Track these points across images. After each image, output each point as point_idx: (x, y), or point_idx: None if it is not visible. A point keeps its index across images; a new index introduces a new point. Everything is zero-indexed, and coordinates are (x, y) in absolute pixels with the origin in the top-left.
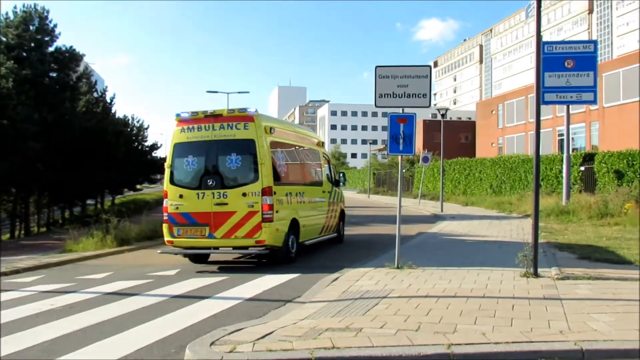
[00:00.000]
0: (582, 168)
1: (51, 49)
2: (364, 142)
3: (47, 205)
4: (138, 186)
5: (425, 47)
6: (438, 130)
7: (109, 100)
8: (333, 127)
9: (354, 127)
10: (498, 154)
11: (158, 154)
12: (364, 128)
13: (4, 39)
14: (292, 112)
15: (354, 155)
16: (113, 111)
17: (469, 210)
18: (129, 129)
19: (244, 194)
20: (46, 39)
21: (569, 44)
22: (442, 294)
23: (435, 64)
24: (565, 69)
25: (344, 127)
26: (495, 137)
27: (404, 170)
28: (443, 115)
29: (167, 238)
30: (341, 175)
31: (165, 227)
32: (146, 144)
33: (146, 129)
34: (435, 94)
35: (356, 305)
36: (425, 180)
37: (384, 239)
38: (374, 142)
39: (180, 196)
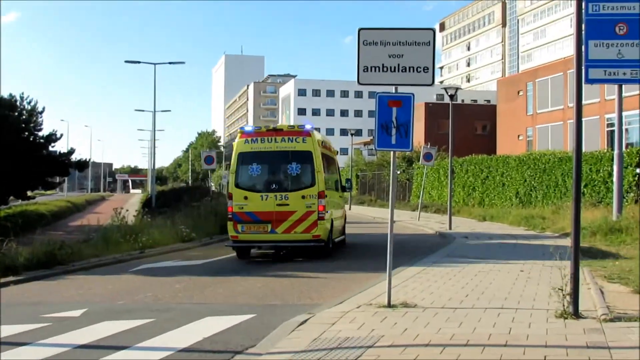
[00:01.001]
0: (639, 170)
1: None
2: (343, 132)
3: None
4: (29, 193)
5: (429, 4)
6: (445, 117)
7: None
8: (301, 111)
9: (330, 112)
10: (527, 150)
11: (58, 147)
12: (344, 113)
13: None
14: (244, 91)
15: None
16: None
17: (486, 227)
18: (16, 113)
19: (303, 197)
20: None
21: (621, 3)
22: (450, 342)
23: (442, 27)
24: (617, 36)
25: (315, 112)
26: (523, 127)
27: (397, 172)
28: (452, 97)
29: (232, 234)
30: (347, 182)
31: (230, 224)
32: (41, 133)
33: (40, 112)
34: (441, 68)
35: (332, 358)
36: (427, 186)
37: (370, 267)
38: (357, 132)
39: (245, 198)
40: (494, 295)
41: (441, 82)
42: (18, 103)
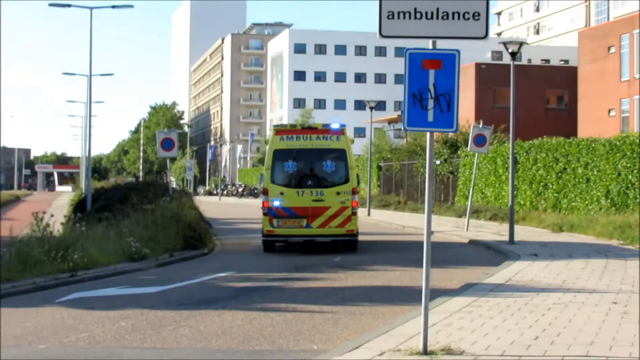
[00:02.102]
0: None
1: None
2: (359, 105)
3: None
4: None
5: None
6: (504, 84)
7: None
8: (299, 75)
9: (340, 77)
10: (621, 131)
11: None
12: (360, 78)
13: None
14: (217, 47)
15: None
16: None
17: (565, 239)
18: None
19: (338, 193)
20: None
21: None
22: None
23: None
24: None
25: (319, 77)
26: (616, 99)
27: (437, 162)
28: (514, 55)
29: (267, 228)
30: (356, 176)
31: (265, 219)
32: None
33: None
34: (499, 14)
35: None
36: (479, 182)
37: (397, 295)
38: (379, 106)
39: (281, 193)
40: (574, 339)
41: (498, 34)
42: None
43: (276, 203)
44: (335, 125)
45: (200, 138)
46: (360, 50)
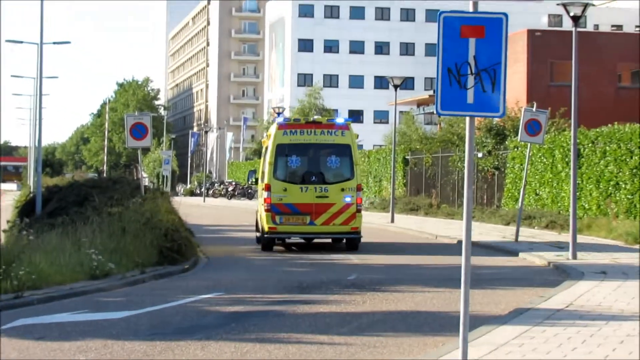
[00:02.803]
0: None
1: None
2: (379, 83)
3: None
4: None
5: None
6: (564, 56)
7: None
8: (304, 45)
9: (356, 47)
10: None
11: None
12: (381, 49)
13: None
14: (202, 8)
15: (354, 115)
16: None
17: None
18: None
19: (342, 189)
20: None
21: None
22: None
23: None
24: None
25: (330, 47)
26: None
27: (478, 155)
28: (577, 20)
29: (269, 225)
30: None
31: (267, 216)
32: None
33: None
34: None
35: None
36: (532, 180)
37: (427, 322)
38: (406, 84)
39: (285, 189)
40: None
41: None
42: None
43: (279, 199)
44: (339, 120)
45: (180, 123)
46: (382, 14)
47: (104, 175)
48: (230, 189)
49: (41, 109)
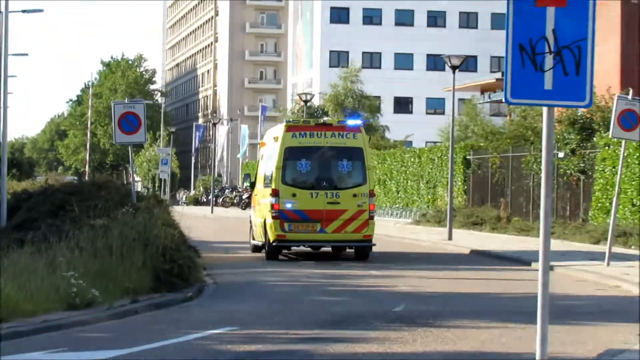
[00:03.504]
0: None
1: None
2: (433, 63)
3: None
4: None
5: None
6: None
7: None
8: (338, 15)
9: (403, 19)
10: None
11: None
12: (433, 21)
13: None
14: None
15: (402, 104)
16: None
17: None
18: None
19: (355, 195)
20: None
21: None
22: None
23: None
24: None
25: (369, 19)
26: None
27: (559, 155)
28: None
29: (277, 233)
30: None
31: (275, 223)
32: None
33: None
34: None
35: None
36: (628, 187)
37: None
38: (466, 65)
39: (294, 195)
40: None
41: None
42: None
43: (288, 205)
44: (352, 122)
45: (182, 113)
46: None
47: (86, 178)
48: (244, 196)
49: (6, 94)
